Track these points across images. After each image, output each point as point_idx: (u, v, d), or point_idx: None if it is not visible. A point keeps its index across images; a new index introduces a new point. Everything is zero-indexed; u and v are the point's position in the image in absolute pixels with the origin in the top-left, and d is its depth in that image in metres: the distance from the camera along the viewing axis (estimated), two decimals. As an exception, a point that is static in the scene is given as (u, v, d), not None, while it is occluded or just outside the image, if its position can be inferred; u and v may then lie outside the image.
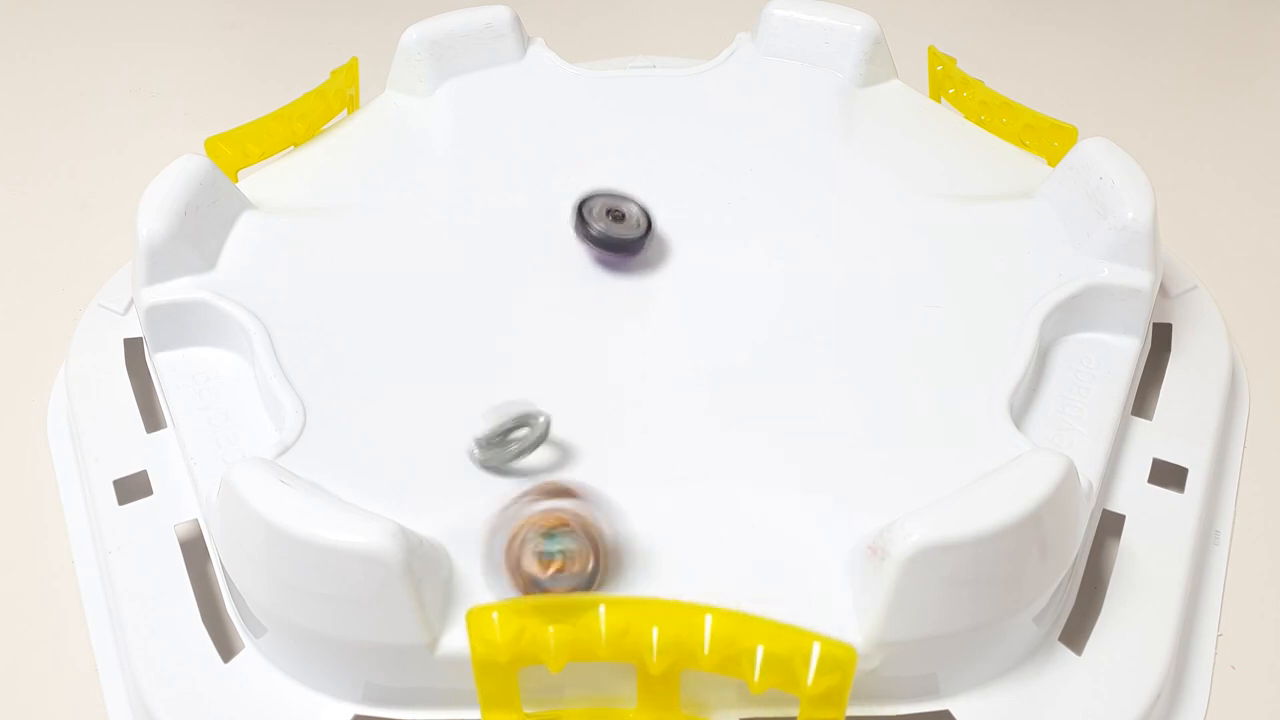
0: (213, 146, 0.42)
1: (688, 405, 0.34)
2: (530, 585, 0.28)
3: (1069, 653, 0.31)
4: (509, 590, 0.28)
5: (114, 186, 0.53)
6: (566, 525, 0.28)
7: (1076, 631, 0.32)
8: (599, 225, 0.38)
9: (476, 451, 0.32)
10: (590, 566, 0.28)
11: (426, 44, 0.46)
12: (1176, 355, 0.40)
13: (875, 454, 0.33)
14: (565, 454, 0.33)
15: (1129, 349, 0.37)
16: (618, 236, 0.38)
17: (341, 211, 0.41)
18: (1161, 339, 0.41)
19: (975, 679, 0.30)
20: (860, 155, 0.43)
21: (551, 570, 0.27)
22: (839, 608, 0.29)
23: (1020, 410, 0.34)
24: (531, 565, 0.27)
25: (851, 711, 0.28)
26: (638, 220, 0.38)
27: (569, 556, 0.28)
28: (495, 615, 0.27)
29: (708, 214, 0.41)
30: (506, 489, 0.32)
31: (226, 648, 0.32)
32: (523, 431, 0.32)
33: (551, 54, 0.48)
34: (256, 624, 0.31)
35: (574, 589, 0.28)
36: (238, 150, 0.43)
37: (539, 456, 0.32)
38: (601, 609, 0.27)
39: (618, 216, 0.38)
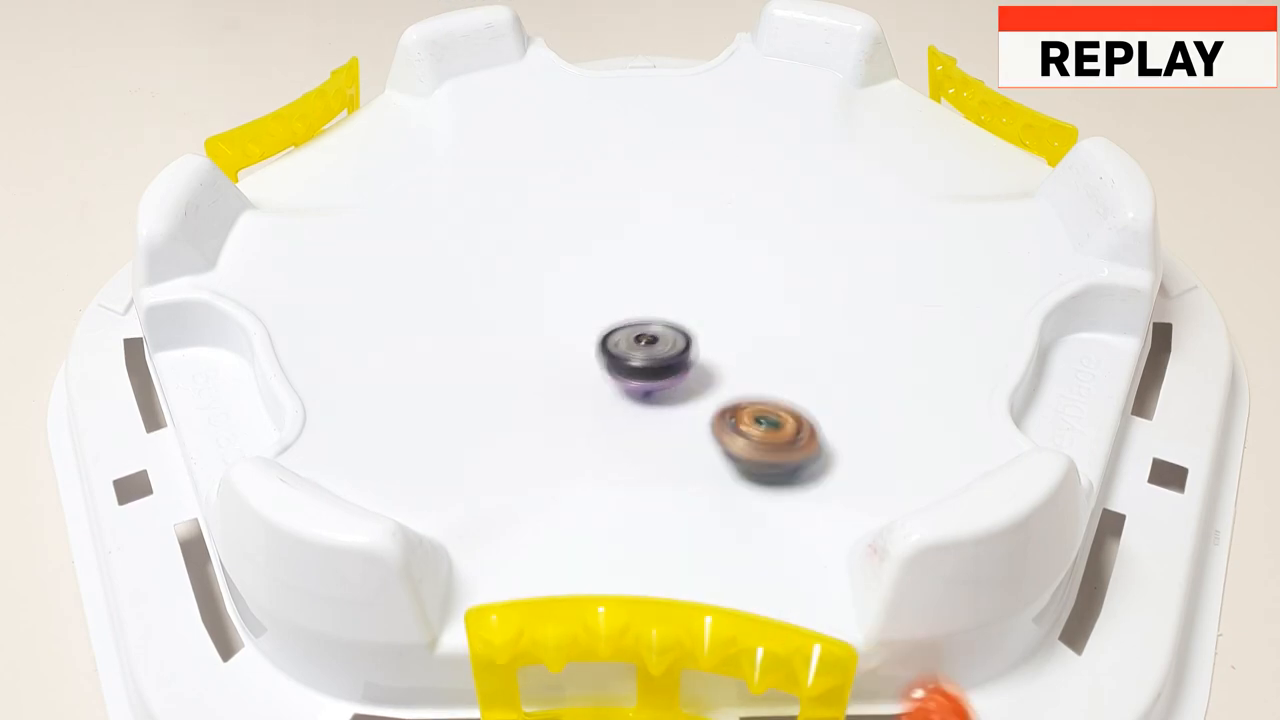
0: (213, 146, 0.42)
1: (687, 404, 0.34)
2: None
3: (1069, 653, 0.31)
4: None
5: (114, 186, 0.53)
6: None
7: (1076, 631, 0.32)
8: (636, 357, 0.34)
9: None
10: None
11: (426, 44, 0.46)
12: (1176, 355, 0.40)
13: (875, 454, 0.33)
14: (566, 450, 0.33)
15: (1129, 349, 0.37)
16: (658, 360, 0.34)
17: (341, 211, 0.41)
18: (1161, 339, 0.41)
19: (975, 679, 0.30)
20: (860, 155, 0.43)
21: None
22: (839, 608, 0.29)
23: (1020, 410, 0.34)
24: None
25: (852, 710, 0.28)
26: (672, 341, 0.34)
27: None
28: (494, 616, 0.27)
29: (708, 214, 0.41)
30: (500, 490, 0.32)
31: (226, 647, 0.32)
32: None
33: (551, 54, 0.48)
34: (256, 623, 0.31)
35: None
36: (238, 150, 0.43)
37: None
38: (601, 609, 0.27)
39: (649, 341, 0.34)
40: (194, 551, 0.34)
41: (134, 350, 0.40)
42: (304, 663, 0.30)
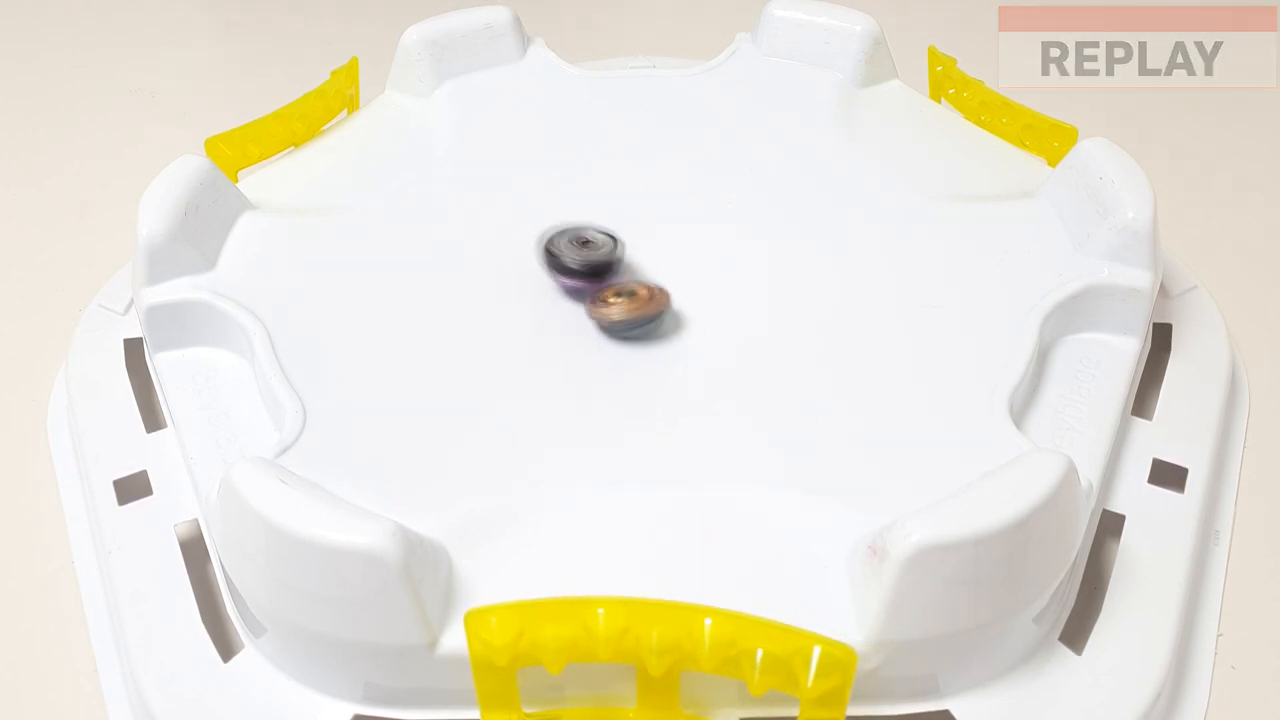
0: (213, 146, 0.42)
1: (688, 405, 0.34)
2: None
3: (1069, 653, 0.31)
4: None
5: (114, 186, 0.53)
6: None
7: (1076, 631, 0.32)
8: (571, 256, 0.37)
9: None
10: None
11: (426, 44, 0.46)
12: (1176, 355, 0.40)
13: (875, 454, 0.33)
14: (565, 450, 0.33)
15: (1129, 349, 0.37)
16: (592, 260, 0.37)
17: (341, 212, 0.41)
18: (1161, 339, 0.41)
19: (975, 679, 0.30)
20: (860, 155, 0.43)
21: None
22: (839, 608, 0.29)
23: (1020, 410, 0.34)
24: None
25: (851, 711, 0.28)
26: (605, 243, 0.38)
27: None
28: (494, 618, 0.27)
29: (708, 214, 0.41)
30: (500, 490, 0.32)
31: (226, 648, 0.32)
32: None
33: (551, 54, 0.48)
34: (256, 624, 0.31)
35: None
36: (238, 150, 0.43)
37: None
38: (601, 611, 0.27)
39: (583, 243, 0.38)
40: (194, 551, 0.34)
41: (134, 350, 0.40)
42: (304, 663, 0.30)
